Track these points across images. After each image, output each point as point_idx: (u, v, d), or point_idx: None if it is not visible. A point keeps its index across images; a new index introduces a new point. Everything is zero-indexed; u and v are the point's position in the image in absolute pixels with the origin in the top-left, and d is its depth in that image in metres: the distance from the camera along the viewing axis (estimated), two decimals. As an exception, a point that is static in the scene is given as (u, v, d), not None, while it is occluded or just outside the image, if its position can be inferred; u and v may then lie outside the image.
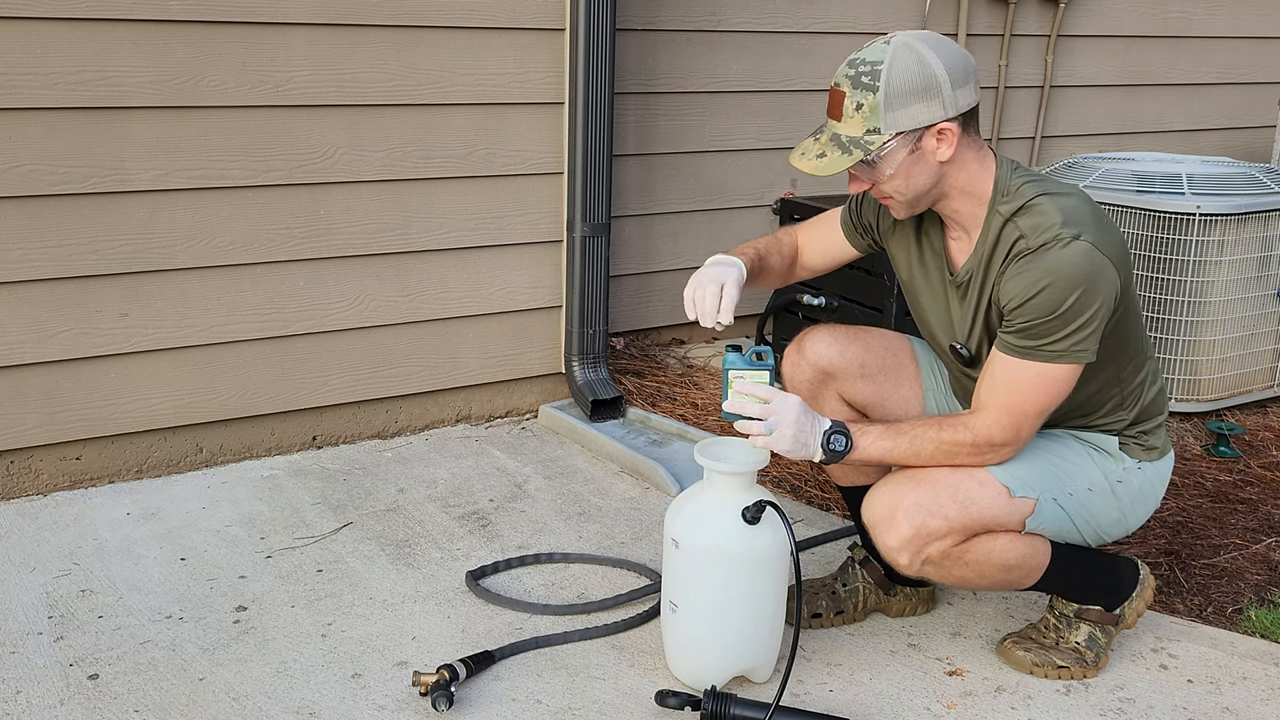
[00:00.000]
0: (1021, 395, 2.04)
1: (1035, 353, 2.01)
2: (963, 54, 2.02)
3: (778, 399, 2.08)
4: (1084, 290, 1.97)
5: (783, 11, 4.10)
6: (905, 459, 2.10)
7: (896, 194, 2.07)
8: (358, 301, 3.33)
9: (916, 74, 1.97)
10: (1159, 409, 2.27)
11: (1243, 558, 2.84)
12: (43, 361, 2.96)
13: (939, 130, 2.00)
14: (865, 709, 2.20)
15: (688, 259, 4.14)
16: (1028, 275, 1.99)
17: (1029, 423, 2.07)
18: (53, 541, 2.78)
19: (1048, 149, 4.94)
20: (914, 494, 2.07)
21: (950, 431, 2.08)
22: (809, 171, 2.03)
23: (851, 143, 2.01)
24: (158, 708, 2.15)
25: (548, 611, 2.50)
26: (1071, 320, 1.98)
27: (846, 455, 2.09)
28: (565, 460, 3.36)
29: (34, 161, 2.84)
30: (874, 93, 1.97)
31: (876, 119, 1.98)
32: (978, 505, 2.08)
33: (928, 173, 2.04)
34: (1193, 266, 3.48)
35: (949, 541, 2.08)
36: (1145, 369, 2.22)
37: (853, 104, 1.99)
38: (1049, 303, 1.97)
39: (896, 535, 2.08)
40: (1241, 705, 2.25)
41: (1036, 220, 2.01)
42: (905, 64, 1.97)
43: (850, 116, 2.00)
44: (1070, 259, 1.97)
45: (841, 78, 2.02)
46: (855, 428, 2.10)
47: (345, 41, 3.14)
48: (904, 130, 1.99)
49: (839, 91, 2.02)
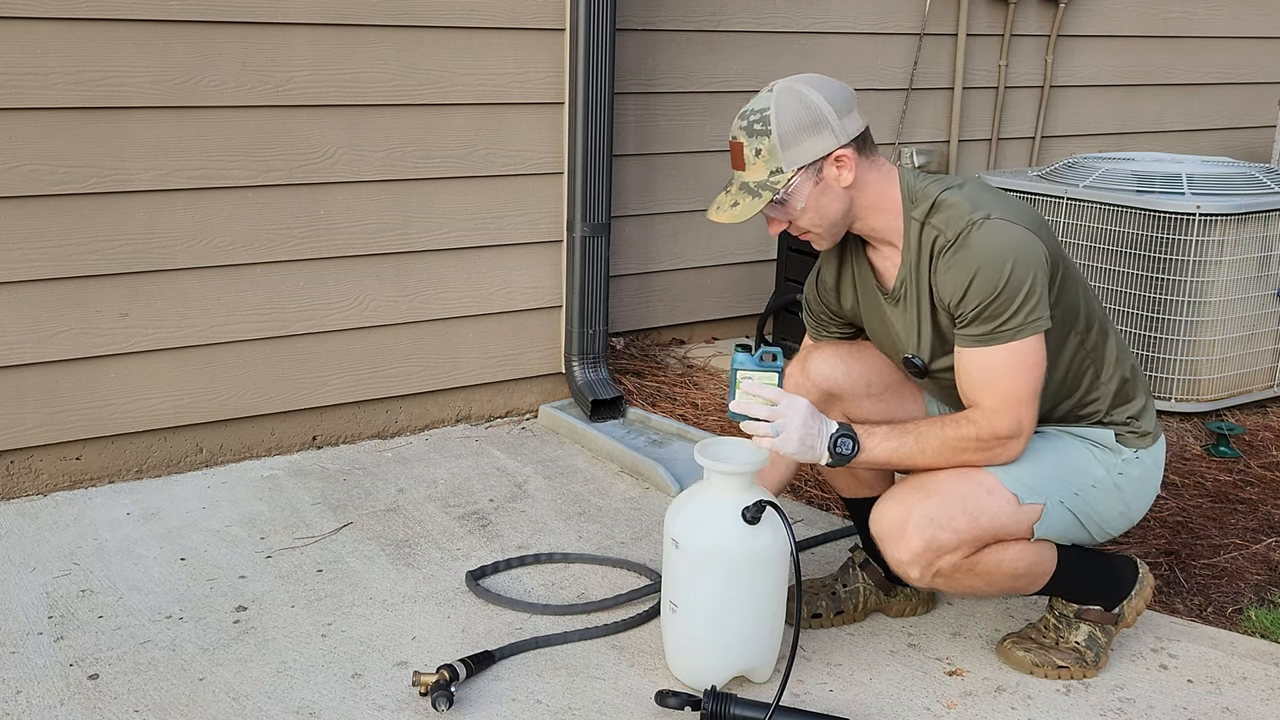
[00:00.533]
0: (1003, 382, 2.06)
1: (995, 336, 2.04)
2: (841, 86, 2.12)
3: (785, 401, 2.09)
4: (1014, 260, 2.01)
5: (783, 11, 4.10)
6: (911, 458, 2.11)
7: (813, 226, 2.14)
8: (358, 301, 3.33)
9: (802, 112, 2.07)
10: (1139, 385, 2.28)
11: (1243, 558, 2.84)
12: (43, 361, 2.96)
13: (836, 158, 2.08)
14: (865, 709, 2.20)
15: (688, 259, 4.15)
16: (957, 268, 2.04)
17: (1025, 409, 2.07)
18: (53, 541, 2.78)
19: (1048, 149, 4.94)
20: (923, 506, 2.08)
21: (955, 429, 2.08)
22: (726, 221, 2.10)
23: (759, 186, 2.08)
24: (158, 708, 2.15)
25: (548, 611, 2.50)
26: (1016, 292, 2.02)
27: (854, 458, 2.09)
28: (565, 460, 3.36)
29: (34, 161, 2.84)
30: (768, 136, 2.07)
31: (776, 159, 2.07)
32: (988, 516, 2.08)
33: (837, 200, 2.11)
34: (1193, 266, 3.48)
35: (960, 554, 2.09)
36: (1109, 334, 2.24)
37: (752, 150, 2.08)
38: (986, 284, 2.01)
39: (907, 549, 2.09)
40: (1241, 705, 2.25)
41: (946, 214, 2.08)
42: (789, 105, 2.07)
43: (752, 163, 2.09)
44: (988, 238, 2.03)
45: (737, 130, 2.11)
46: (861, 429, 2.11)
47: (345, 41, 3.15)
48: (803, 165, 2.07)
49: (737, 143, 2.11)
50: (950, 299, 2.07)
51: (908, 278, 2.15)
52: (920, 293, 2.14)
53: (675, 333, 4.26)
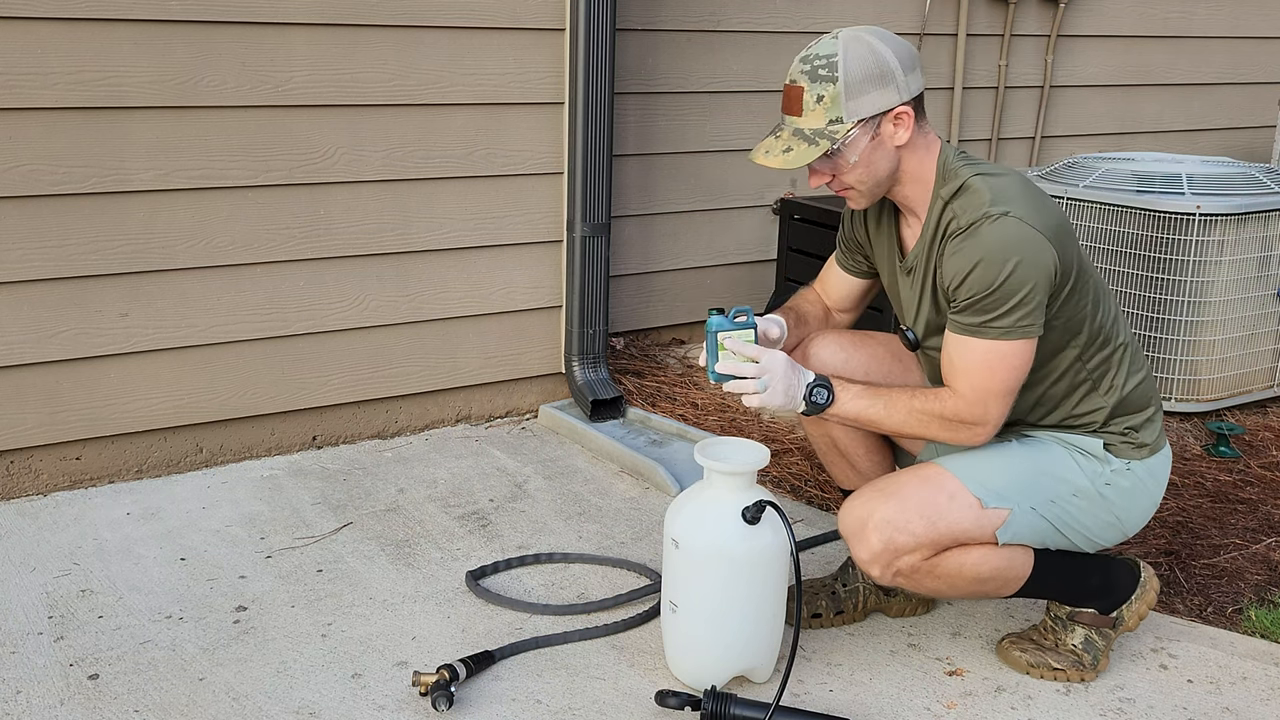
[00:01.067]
0: (978, 374, 2.06)
1: (982, 329, 2.04)
2: (907, 44, 2.10)
3: (766, 357, 2.10)
4: (1017, 263, 1.99)
5: (783, 11, 4.10)
6: (879, 419, 2.12)
7: (858, 183, 2.11)
8: (358, 301, 3.33)
9: (871, 62, 2.03)
10: (1145, 400, 2.24)
11: (1243, 558, 2.84)
12: (43, 361, 2.96)
13: (896, 115, 2.06)
14: (865, 709, 2.20)
15: (688, 259, 4.15)
16: (961, 255, 2.04)
17: (995, 402, 2.07)
18: (53, 541, 2.78)
19: (1048, 149, 4.94)
20: (883, 509, 2.09)
21: (922, 401, 2.09)
22: (777, 166, 2.06)
23: (816, 134, 2.05)
24: (158, 708, 2.15)
25: (548, 611, 2.50)
26: (1010, 295, 2.00)
27: (827, 409, 2.11)
28: (565, 460, 3.36)
29: (34, 161, 2.84)
30: (833, 83, 2.03)
31: (838, 109, 2.03)
32: (945, 521, 2.08)
33: (886, 158, 2.09)
34: (1193, 266, 3.48)
35: (918, 556, 2.09)
36: (1117, 352, 2.20)
37: (813, 97, 2.04)
38: (984, 279, 2.01)
39: (867, 549, 2.10)
40: (1241, 705, 2.25)
41: (967, 200, 2.06)
42: (859, 53, 2.04)
43: (811, 110, 2.05)
44: (998, 234, 2.01)
45: (797, 74, 2.07)
46: (836, 383, 2.12)
47: (345, 41, 3.14)
48: (864, 117, 2.04)
49: (796, 87, 2.07)
50: (949, 283, 2.07)
51: (920, 252, 2.15)
52: (926, 269, 2.15)
53: (675, 333, 4.26)
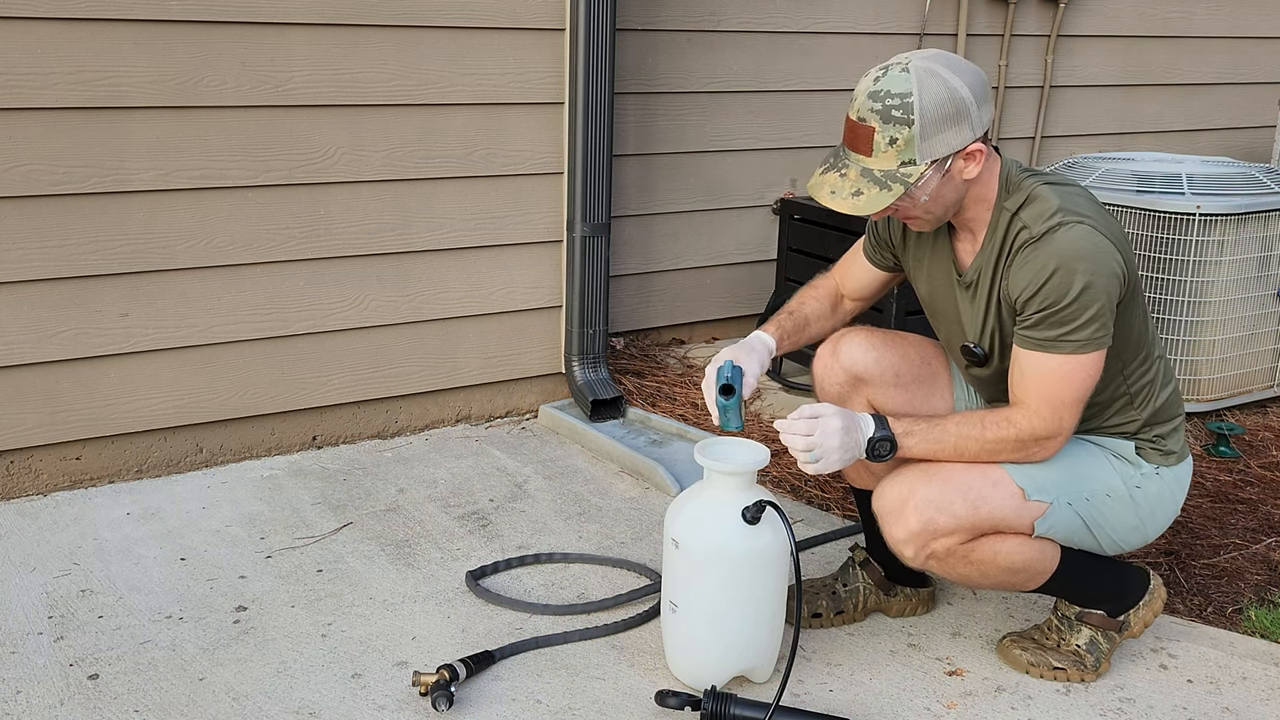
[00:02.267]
0: (1054, 386, 2.04)
1: (1058, 344, 2.01)
2: (977, 70, 2.02)
3: (819, 429, 2.05)
4: (1092, 273, 1.97)
5: (783, 11, 4.10)
6: (949, 458, 2.10)
7: (925, 214, 2.07)
8: (358, 301, 3.33)
9: (946, 100, 1.95)
10: (1173, 411, 2.25)
11: (1243, 558, 2.83)
12: (43, 361, 2.96)
13: (969, 152, 2.00)
14: (865, 709, 2.20)
15: (688, 259, 4.15)
16: (1035, 263, 2.00)
17: (1069, 412, 2.06)
18: (53, 541, 2.78)
19: (1048, 149, 4.94)
20: (925, 489, 2.08)
21: (994, 429, 2.07)
22: (847, 211, 1.99)
23: (887, 177, 1.98)
24: (158, 708, 2.15)
25: (548, 611, 2.50)
26: (1087, 306, 1.98)
27: (890, 459, 2.10)
28: (565, 460, 3.36)
29: (34, 161, 2.84)
30: (909, 126, 1.95)
31: (911, 151, 1.96)
32: (989, 506, 2.08)
33: (955, 192, 2.05)
34: (1193, 266, 3.48)
35: (955, 539, 2.08)
36: (1154, 367, 2.21)
37: (885, 139, 1.97)
38: (1060, 288, 1.97)
39: (904, 528, 2.09)
40: (1241, 705, 2.25)
41: (1038, 209, 2.03)
42: (935, 91, 1.95)
43: (883, 151, 1.97)
44: (1073, 241, 1.98)
45: (867, 112, 1.98)
46: (900, 426, 2.09)
47: (345, 41, 3.14)
48: (938, 158, 1.98)
49: (867, 127, 1.97)
50: (1018, 294, 2.03)
51: (983, 265, 2.12)
52: (993, 283, 2.11)
53: (675, 333, 4.26)
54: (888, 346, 2.33)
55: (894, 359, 2.33)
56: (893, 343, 2.35)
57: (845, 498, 3.08)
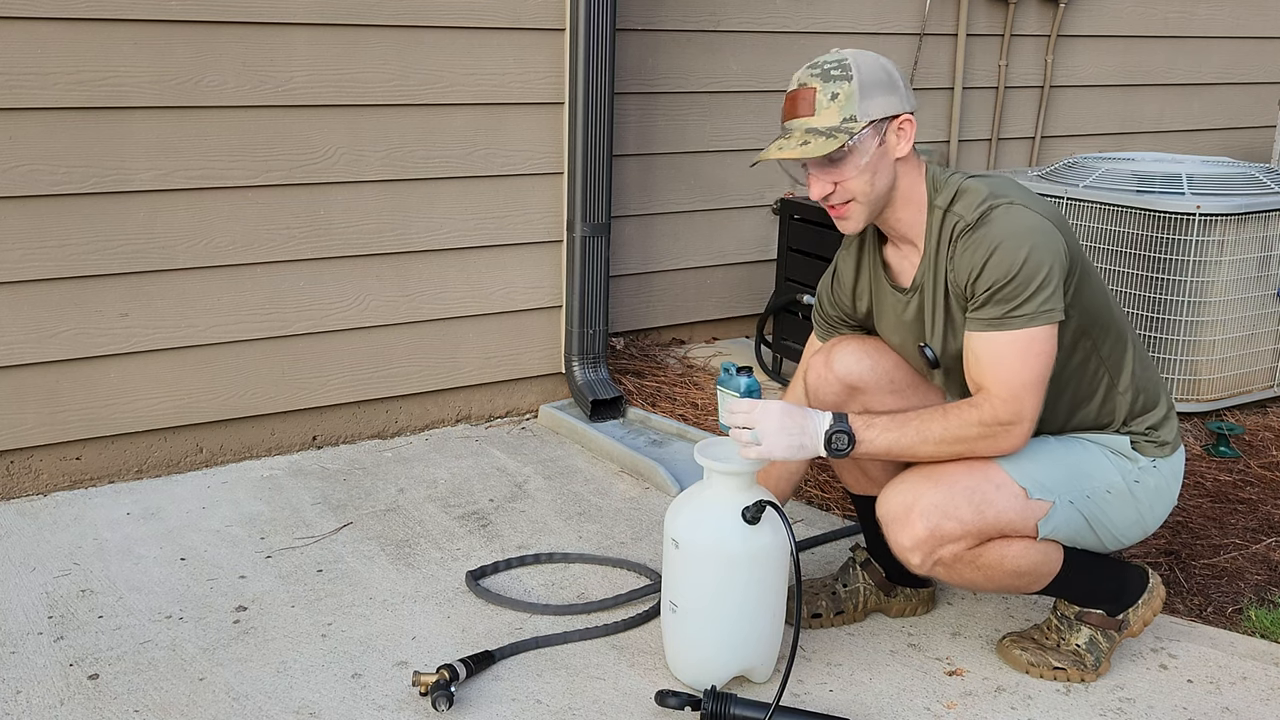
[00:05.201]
0: (1010, 367, 2.05)
1: (1007, 320, 2.03)
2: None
3: (759, 409, 2.08)
4: (1031, 246, 2.01)
5: (783, 11, 4.10)
6: (913, 449, 2.09)
7: (860, 194, 2.10)
8: (358, 301, 3.33)
9: (879, 68, 2.08)
10: (1158, 394, 2.27)
11: (1243, 558, 2.84)
12: (43, 361, 2.96)
13: (901, 123, 2.08)
14: (865, 709, 2.20)
15: (688, 259, 4.15)
16: (975, 246, 2.04)
17: (1029, 395, 2.05)
18: (53, 541, 2.78)
19: (1048, 149, 4.94)
20: (931, 494, 2.07)
21: (956, 417, 2.07)
22: (793, 157, 2.05)
23: (831, 130, 2.05)
24: (158, 708, 2.15)
25: (548, 611, 2.50)
26: (1031, 277, 2.01)
27: (851, 452, 2.09)
28: (565, 460, 3.36)
29: (34, 161, 2.84)
30: (848, 81, 2.05)
31: (852, 106, 2.05)
32: (994, 509, 2.08)
33: (887, 171, 2.10)
34: (1193, 266, 3.48)
35: (963, 545, 2.08)
36: (1127, 340, 2.22)
37: (827, 94, 2.06)
38: (1003, 264, 2.01)
39: (910, 535, 2.08)
40: (1241, 705, 2.25)
41: (969, 200, 2.09)
42: (868, 60, 2.08)
43: (825, 108, 2.06)
44: (1009, 221, 2.04)
45: (807, 77, 2.09)
46: (860, 420, 2.08)
47: (345, 41, 3.15)
48: (876, 119, 2.06)
49: (808, 88, 2.08)
50: (966, 279, 2.06)
51: (927, 270, 2.14)
52: (937, 282, 2.13)
53: (675, 333, 4.26)
54: (881, 354, 2.33)
55: (888, 366, 2.32)
56: (886, 350, 2.34)
57: (845, 498, 3.08)
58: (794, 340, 3.85)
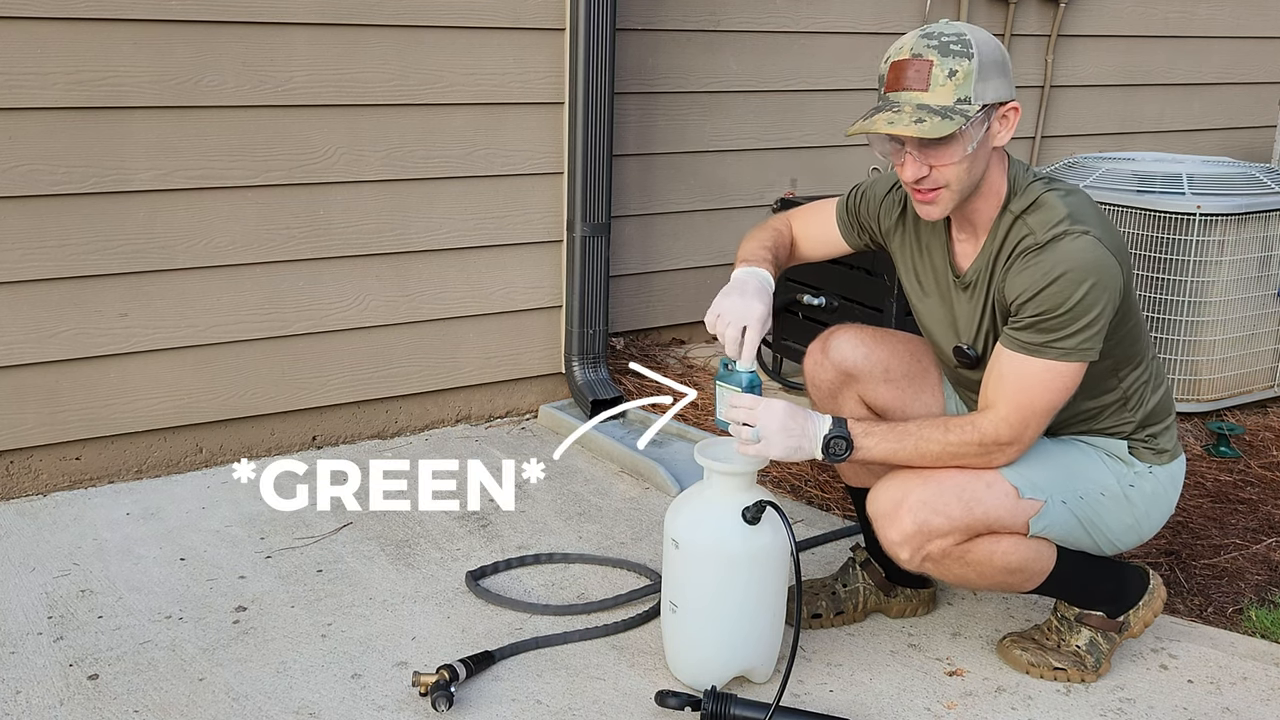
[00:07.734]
0: (1030, 392, 2.03)
1: (1045, 349, 2.00)
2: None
3: (762, 406, 2.06)
4: (1093, 284, 1.96)
5: (783, 11, 4.10)
6: (910, 461, 2.09)
7: (955, 181, 2.00)
8: (357, 301, 3.33)
9: (996, 48, 1.95)
10: (1166, 411, 2.25)
11: (1243, 558, 2.83)
12: (43, 361, 2.96)
13: (1007, 111, 1.99)
14: (865, 709, 2.20)
15: (688, 259, 4.15)
16: (1037, 268, 1.98)
17: (1036, 420, 2.05)
18: (53, 541, 2.78)
19: (1048, 149, 4.94)
20: (920, 490, 2.07)
21: (957, 433, 2.06)
22: (911, 134, 1.90)
23: (947, 110, 1.92)
24: (158, 708, 2.15)
25: (548, 612, 2.50)
26: (1081, 315, 1.97)
27: (848, 458, 2.09)
28: (565, 460, 3.36)
29: (34, 161, 2.84)
30: (968, 59, 1.92)
31: (968, 87, 1.92)
32: (983, 506, 2.07)
33: (983, 160, 2.01)
34: (1193, 266, 3.48)
35: (951, 540, 2.08)
36: (1146, 370, 2.20)
37: (944, 71, 1.91)
38: (1059, 295, 1.96)
39: (899, 530, 2.08)
40: (1241, 705, 2.25)
41: (1044, 216, 2.02)
42: (986, 38, 1.95)
43: (940, 85, 1.92)
44: (1079, 252, 1.97)
45: (923, 48, 1.93)
46: (859, 427, 2.08)
47: (345, 41, 3.14)
48: (989, 103, 1.95)
49: (925, 60, 1.92)
50: (1016, 297, 2.01)
51: (983, 267, 2.10)
52: (990, 285, 2.10)
53: (675, 333, 4.26)
54: (878, 343, 2.33)
55: (884, 355, 2.32)
56: (883, 339, 2.34)
57: (845, 498, 3.08)
58: (795, 340, 3.85)
